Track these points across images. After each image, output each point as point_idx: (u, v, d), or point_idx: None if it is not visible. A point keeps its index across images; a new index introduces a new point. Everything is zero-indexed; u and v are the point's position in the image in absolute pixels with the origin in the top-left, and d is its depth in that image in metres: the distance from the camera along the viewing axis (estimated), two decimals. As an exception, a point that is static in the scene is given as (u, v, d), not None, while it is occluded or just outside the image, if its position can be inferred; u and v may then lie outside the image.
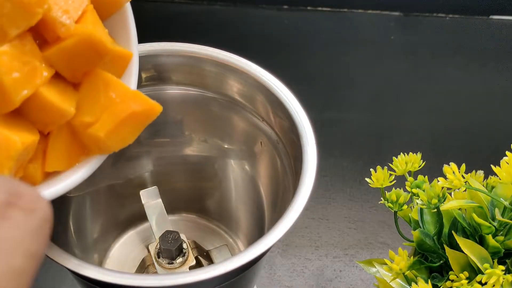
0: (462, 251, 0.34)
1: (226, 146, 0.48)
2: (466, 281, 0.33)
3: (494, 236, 0.34)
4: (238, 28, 0.78)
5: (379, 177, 0.37)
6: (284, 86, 0.42)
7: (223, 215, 0.53)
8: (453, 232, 0.35)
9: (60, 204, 0.43)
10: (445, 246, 0.35)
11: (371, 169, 0.38)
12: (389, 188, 0.37)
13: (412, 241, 0.37)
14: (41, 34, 0.30)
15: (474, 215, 0.34)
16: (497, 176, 0.34)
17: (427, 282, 0.34)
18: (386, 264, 0.35)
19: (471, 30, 0.80)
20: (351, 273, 0.56)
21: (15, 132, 0.28)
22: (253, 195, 0.49)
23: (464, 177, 0.33)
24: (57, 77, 0.31)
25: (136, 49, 0.36)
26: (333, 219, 0.59)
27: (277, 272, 0.55)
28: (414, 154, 0.37)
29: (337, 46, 0.77)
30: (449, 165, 0.33)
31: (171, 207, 0.51)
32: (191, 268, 0.45)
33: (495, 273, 0.32)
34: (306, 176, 0.37)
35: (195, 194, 0.52)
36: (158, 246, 0.45)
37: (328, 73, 0.74)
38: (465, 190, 0.36)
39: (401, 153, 0.38)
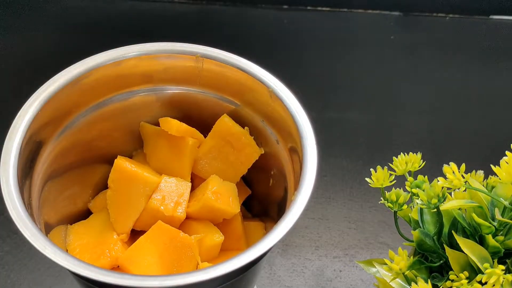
0: (462, 251, 0.34)
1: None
2: (466, 281, 0.33)
3: (494, 236, 0.34)
4: (238, 28, 0.78)
5: (379, 177, 0.37)
6: (284, 86, 0.41)
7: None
8: (453, 232, 0.35)
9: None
10: (445, 246, 0.35)
11: (371, 169, 0.37)
12: (389, 188, 0.37)
13: (412, 241, 0.37)
14: None
15: (474, 215, 0.34)
16: (497, 176, 0.34)
17: (427, 282, 0.34)
18: (386, 264, 0.35)
19: (471, 30, 0.80)
20: (351, 273, 0.56)
21: None
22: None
23: (464, 177, 0.33)
24: None
25: None
26: (333, 219, 0.59)
27: (277, 272, 0.55)
28: (414, 154, 0.37)
29: (337, 46, 0.77)
30: (449, 165, 0.33)
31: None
32: None
33: (495, 273, 0.32)
34: (306, 176, 0.37)
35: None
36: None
37: (328, 73, 0.74)
38: (465, 190, 0.36)
39: (401, 153, 0.38)
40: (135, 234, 0.43)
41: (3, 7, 0.78)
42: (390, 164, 0.38)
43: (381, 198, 0.37)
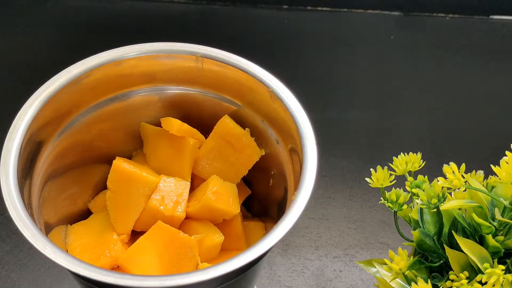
0: (462, 251, 0.34)
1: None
2: (466, 281, 0.33)
3: (494, 236, 0.34)
4: (238, 28, 0.78)
5: (379, 177, 0.37)
6: (284, 86, 0.41)
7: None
8: (453, 232, 0.35)
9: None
10: (445, 246, 0.35)
11: (371, 169, 0.37)
12: (389, 188, 0.37)
13: (412, 241, 0.37)
14: None
15: (474, 215, 0.34)
16: (497, 176, 0.34)
17: (427, 282, 0.34)
18: (386, 264, 0.35)
19: (471, 30, 0.80)
20: (351, 273, 0.56)
21: None
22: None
23: (464, 177, 0.33)
24: None
25: None
26: (333, 219, 0.59)
27: (277, 272, 0.55)
28: (414, 154, 0.37)
29: (337, 46, 0.77)
30: (449, 165, 0.33)
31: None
32: None
33: (495, 273, 0.32)
34: (306, 176, 0.37)
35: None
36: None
37: (328, 73, 0.74)
38: (465, 190, 0.36)
39: (401, 153, 0.38)
40: (135, 235, 0.43)
41: (3, 6, 0.78)
42: (390, 164, 0.38)
43: (381, 198, 0.37)
